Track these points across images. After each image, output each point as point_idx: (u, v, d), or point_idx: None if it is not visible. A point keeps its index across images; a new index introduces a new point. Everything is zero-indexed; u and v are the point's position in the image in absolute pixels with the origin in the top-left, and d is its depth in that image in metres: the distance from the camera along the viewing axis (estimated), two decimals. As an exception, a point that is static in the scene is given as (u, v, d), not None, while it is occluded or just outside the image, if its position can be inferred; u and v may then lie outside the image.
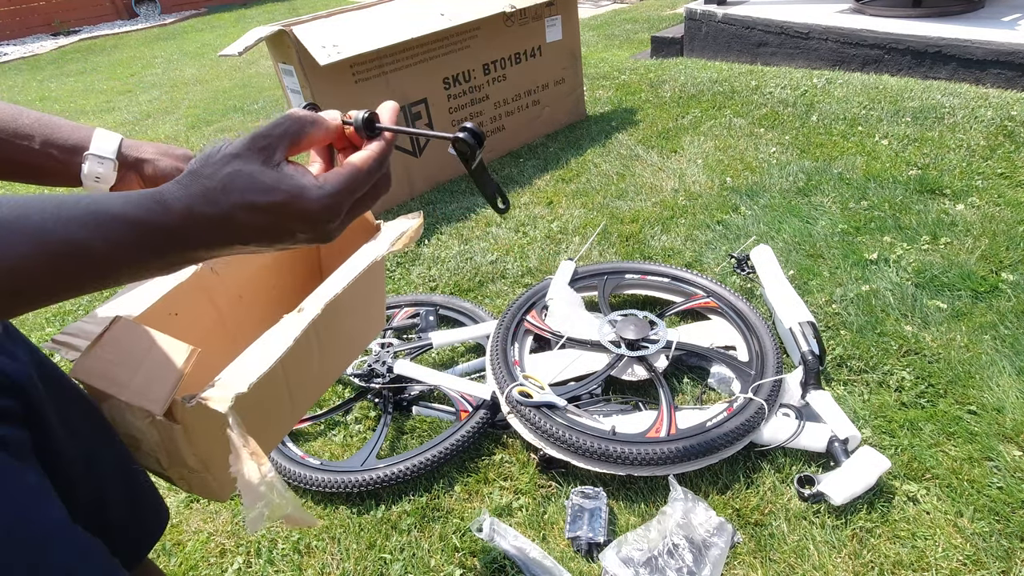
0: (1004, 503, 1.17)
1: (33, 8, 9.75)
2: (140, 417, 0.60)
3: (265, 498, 0.51)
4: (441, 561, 1.21)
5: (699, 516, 1.16)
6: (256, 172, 0.45)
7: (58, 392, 0.63)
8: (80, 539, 0.53)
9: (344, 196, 0.48)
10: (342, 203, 0.48)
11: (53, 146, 0.66)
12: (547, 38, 2.90)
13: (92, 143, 0.68)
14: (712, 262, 1.98)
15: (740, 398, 1.36)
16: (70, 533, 0.52)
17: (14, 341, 0.60)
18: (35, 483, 0.52)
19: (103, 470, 0.66)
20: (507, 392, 1.38)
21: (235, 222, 0.44)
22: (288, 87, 2.30)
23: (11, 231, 0.38)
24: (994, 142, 2.42)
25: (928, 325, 1.61)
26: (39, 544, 0.49)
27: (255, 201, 0.44)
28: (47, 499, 0.52)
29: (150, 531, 0.75)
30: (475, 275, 2.06)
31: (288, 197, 0.45)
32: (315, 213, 0.46)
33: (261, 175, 0.45)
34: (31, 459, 0.54)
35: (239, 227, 0.45)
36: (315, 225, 0.47)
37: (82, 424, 0.64)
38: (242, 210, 0.44)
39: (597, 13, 6.09)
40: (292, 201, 0.45)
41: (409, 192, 2.67)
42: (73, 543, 0.52)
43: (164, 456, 0.65)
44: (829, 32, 3.41)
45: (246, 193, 0.44)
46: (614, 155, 2.81)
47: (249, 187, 0.44)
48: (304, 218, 0.46)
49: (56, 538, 0.51)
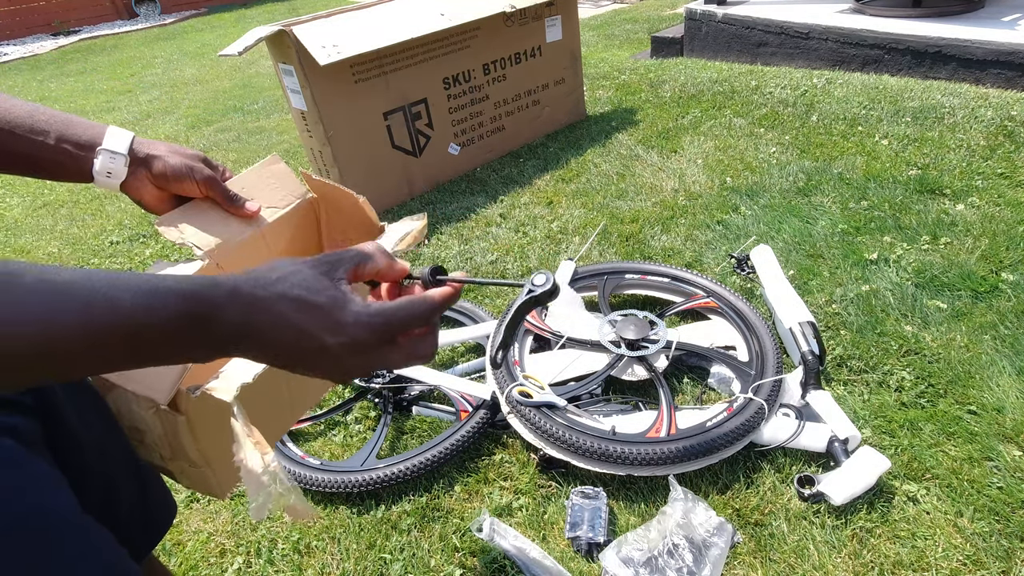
0: (1004, 503, 1.17)
1: (33, 8, 9.75)
2: (145, 407, 0.60)
3: (268, 487, 0.52)
4: (441, 561, 1.21)
5: (699, 516, 1.16)
6: (312, 276, 0.47)
7: (73, 385, 0.63)
8: (91, 529, 0.54)
9: (383, 323, 0.47)
10: (379, 329, 0.47)
11: (68, 142, 0.68)
12: (547, 38, 2.90)
13: (104, 139, 0.69)
14: (712, 262, 1.98)
15: (740, 398, 1.36)
16: (81, 522, 0.53)
17: None
18: (46, 472, 0.53)
19: (114, 461, 0.67)
20: (507, 392, 1.38)
21: (274, 312, 0.45)
22: (288, 87, 2.30)
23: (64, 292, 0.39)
24: (994, 142, 2.42)
25: (928, 325, 1.61)
26: (50, 533, 0.50)
27: (301, 296, 0.45)
28: (58, 488, 0.53)
29: (159, 523, 0.76)
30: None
31: (331, 302, 0.46)
32: (349, 327, 0.46)
33: (315, 279, 0.47)
34: (42, 448, 0.56)
35: (276, 319, 0.45)
36: (345, 344, 0.46)
37: (92, 415, 0.65)
38: (286, 300, 0.45)
39: (597, 13, 6.09)
40: (334, 308, 0.46)
41: (409, 192, 2.67)
42: (84, 533, 0.53)
43: (167, 449, 0.65)
44: (829, 32, 3.41)
45: (295, 287, 0.45)
46: (614, 155, 2.81)
47: (300, 283, 0.46)
48: (337, 330, 0.46)
49: (67, 527, 0.51)
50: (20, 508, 0.48)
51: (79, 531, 0.52)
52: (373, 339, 0.47)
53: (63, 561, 0.50)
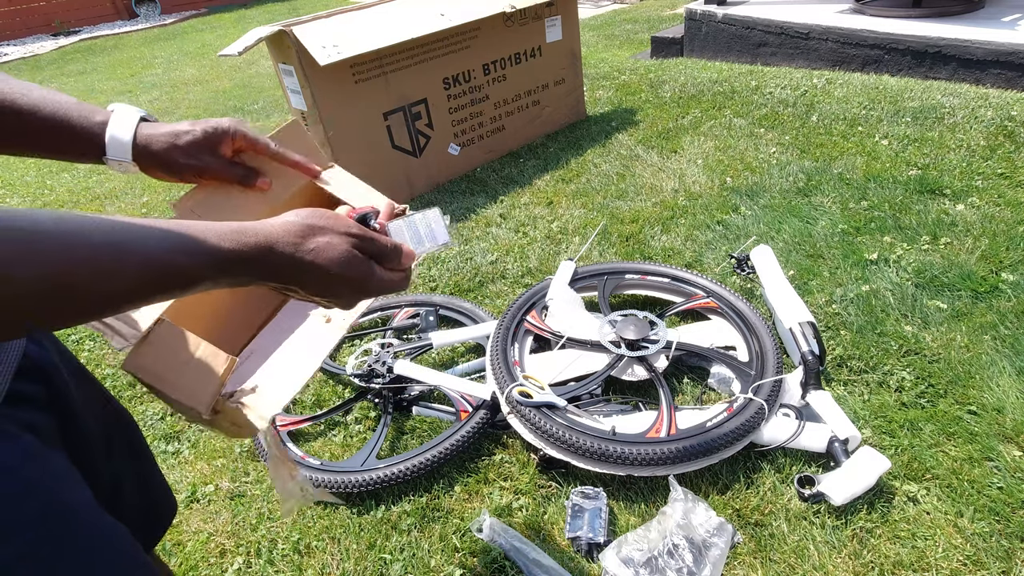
0: (1004, 503, 1.17)
1: (33, 8, 9.76)
2: (186, 410, 0.66)
3: (297, 495, 0.64)
4: (441, 561, 1.21)
5: (699, 516, 1.16)
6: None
7: (79, 378, 0.64)
8: (106, 521, 0.55)
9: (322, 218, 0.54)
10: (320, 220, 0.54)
11: (80, 139, 0.67)
12: (547, 38, 2.90)
13: (107, 138, 0.66)
14: (712, 262, 1.98)
15: (740, 398, 1.36)
16: (96, 515, 0.54)
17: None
18: (62, 466, 0.54)
19: (120, 455, 0.68)
20: (507, 392, 1.38)
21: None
22: (288, 87, 2.30)
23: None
24: (994, 142, 2.42)
25: (928, 325, 1.61)
26: (71, 527, 0.51)
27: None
28: (75, 481, 0.54)
29: (161, 518, 0.77)
30: (475, 275, 2.06)
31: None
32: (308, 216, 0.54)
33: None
34: (58, 443, 0.57)
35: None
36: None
37: (100, 410, 0.66)
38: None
39: (597, 13, 6.09)
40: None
41: (409, 192, 2.67)
42: (99, 525, 0.54)
43: (201, 424, 0.71)
44: (829, 32, 3.41)
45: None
46: (614, 155, 2.81)
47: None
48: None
49: (86, 521, 0.53)
50: (43, 502, 0.49)
51: (98, 525, 0.54)
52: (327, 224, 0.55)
53: (84, 554, 0.51)
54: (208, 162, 0.72)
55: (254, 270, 0.50)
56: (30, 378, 0.55)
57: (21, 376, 0.53)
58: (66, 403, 0.60)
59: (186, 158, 0.71)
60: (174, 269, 0.45)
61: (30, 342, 0.57)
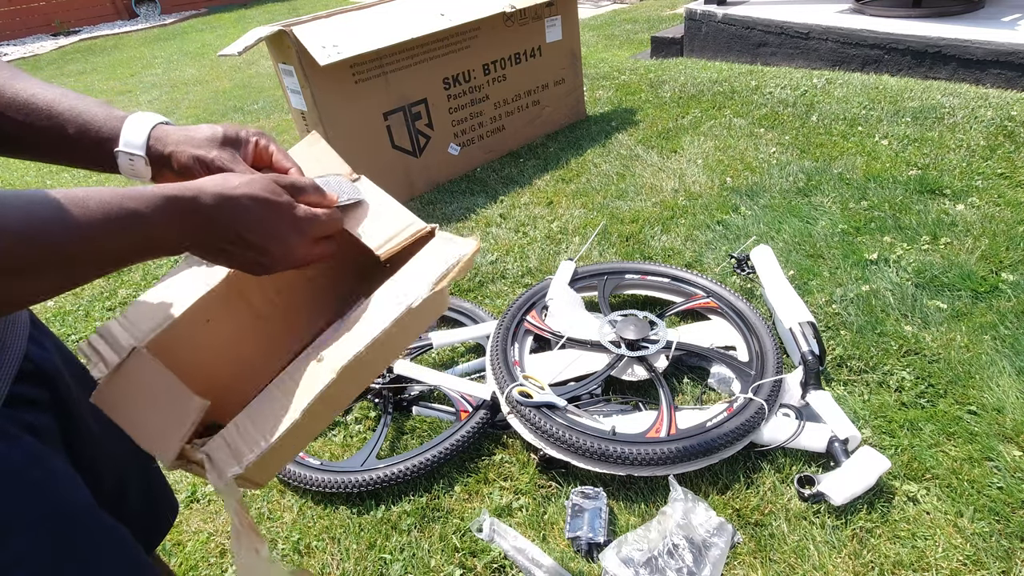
0: (1004, 503, 1.17)
1: (33, 8, 9.75)
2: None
3: (260, 570, 0.57)
4: (441, 561, 1.21)
5: (699, 516, 1.16)
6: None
7: (82, 381, 0.64)
8: (106, 523, 0.55)
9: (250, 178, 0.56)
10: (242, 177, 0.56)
11: (87, 139, 0.66)
12: (547, 38, 2.90)
13: (120, 140, 0.65)
14: (712, 262, 1.98)
15: (740, 398, 1.36)
16: (96, 516, 0.54)
17: (41, 332, 0.61)
18: (64, 469, 0.54)
19: (124, 458, 0.68)
20: (507, 392, 1.38)
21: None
22: (288, 87, 2.30)
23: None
24: (994, 142, 2.42)
25: (928, 325, 1.61)
26: (73, 529, 0.51)
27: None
28: (76, 485, 0.54)
29: (163, 521, 0.77)
30: (475, 275, 2.06)
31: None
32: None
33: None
34: (59, 444, 0.57)
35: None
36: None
37: (101, 411, 0.66)
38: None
39: (597, 13, 6.09)
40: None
41: (409, 193, 2.67)
42: (99, 526, 0.54)
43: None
44: (829, 32, 3.41)
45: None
46: (614, 155, 2.81)
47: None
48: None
49: (84, 521, 0.53)
50: (45, 505, 0.49)
51: (98, 526, 0.54)
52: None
53: (84, 555, 0.51)
54: (217, 156, 0.69)
55: (188, 222, 0.50)
56: (32, 380, 0.55)
57: (23, 378, 0.53)
58: (68, 405, 0.60)
59: (195, 148, 0.69)
60: (123, 213, 0.46)
61: (32, 344, 0.57)
